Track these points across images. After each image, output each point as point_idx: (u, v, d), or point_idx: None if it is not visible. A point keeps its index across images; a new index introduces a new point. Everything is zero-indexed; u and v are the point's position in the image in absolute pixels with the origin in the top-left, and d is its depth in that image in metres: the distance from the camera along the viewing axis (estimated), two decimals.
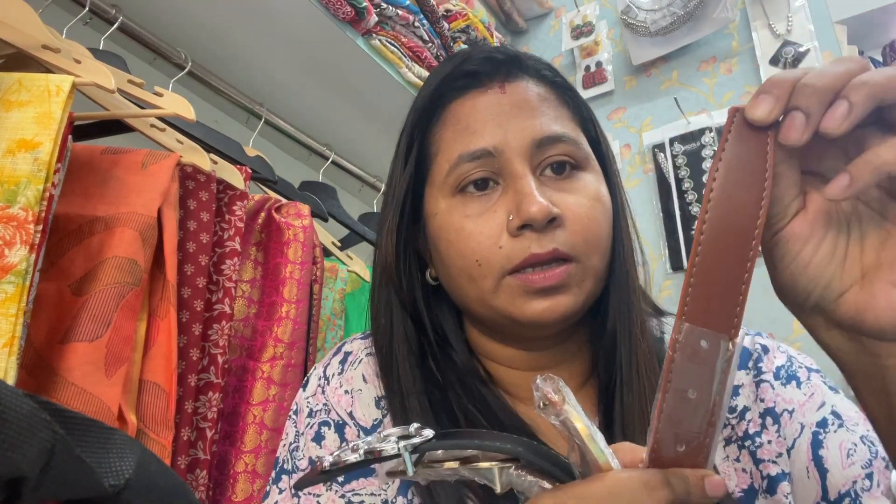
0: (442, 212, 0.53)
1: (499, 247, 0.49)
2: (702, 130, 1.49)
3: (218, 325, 0.81)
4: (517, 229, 0.49)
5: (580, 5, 1.78)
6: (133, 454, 0.35)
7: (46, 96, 0.61)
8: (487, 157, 0.51)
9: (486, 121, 0.52)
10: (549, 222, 0.48)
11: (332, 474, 0.34)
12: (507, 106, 0.52)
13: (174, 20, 1.06)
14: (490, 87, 0.54)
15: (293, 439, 0.54)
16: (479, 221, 0.50)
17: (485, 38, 1.58)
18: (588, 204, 0.51)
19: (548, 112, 0.53)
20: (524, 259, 0.48)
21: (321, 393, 0.55)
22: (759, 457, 0.50)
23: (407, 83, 1.26)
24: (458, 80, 0.55)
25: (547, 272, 0.48)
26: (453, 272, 0.52)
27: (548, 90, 0.55)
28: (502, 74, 0.54)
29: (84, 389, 0.61)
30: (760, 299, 1.38)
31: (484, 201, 0.51)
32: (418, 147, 0.56)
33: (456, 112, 0.54)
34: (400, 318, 0.55)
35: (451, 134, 0.53)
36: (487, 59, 0.54)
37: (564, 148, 0.52)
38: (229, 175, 0.89)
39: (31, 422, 0.28)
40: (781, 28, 1.45)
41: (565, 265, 0.49)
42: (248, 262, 0.94)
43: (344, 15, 1.08)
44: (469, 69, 0.54)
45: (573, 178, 0.52)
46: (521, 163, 0.50)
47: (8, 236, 0.56)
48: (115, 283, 0.66)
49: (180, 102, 0.82)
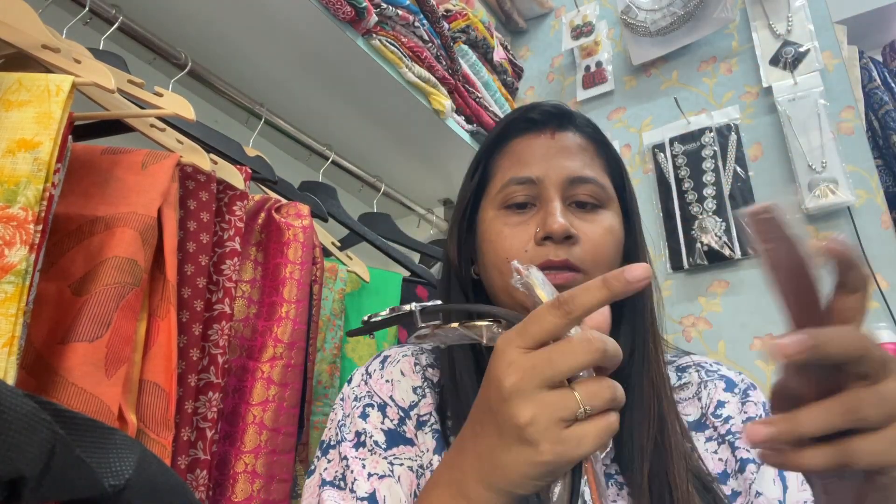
0: (489, 218, 0.68)
1: (525, 251, 0.64)
2: (702, 130, 1.49)
3: (218, 325, 0.81)
4: (541, 240, 0.63)
5: (580, 5, 1.78)
6: (133, 454, 0.35)
7: (46, 96, 0.61)
8: (530, 184, 0.66)
9: (536, 157, 0.68)
10: (566, 238, 0.62)
11: (370, 326, 0.51)
12: (553, 149, 0.68)
13: (174, 20, 1.06)
14: (543, 133, 0.70)
15: (341, 418, 0.64)
16: (515, 230, 0.65)
17: (485, 37, 1.58)
18: (600, 232, 0.65)
19: (584, 159, 0.68)
20: (541, 263, 0.62)
21: (364, 384, 0.66)
22: (735, 445, 0.62)
23: (407, 83, 1.26)
24: (521, 123, 0.71)
25: (556, 274, 0.61)
26: (488, 265, 0.67)
27: (587, 142, 0.70)
28: (555, 125, 0.70)
29: (84, 389, 0.61)
30: (760, 299, 1.39)
31: (522, 216, 0.66)
32: (482, 169, 0.72)
33: (514, 147, 0.70)
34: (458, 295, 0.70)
35: (507, 162, 0.69)
36: (546, 112, 0.71)
37: (591, 189, 0.66)
38: (229, 175, 0.89)
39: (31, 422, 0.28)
40: (781, 28, 1.45)
41: (573, 273, 0.62)
42: (248, 262, 0.94)
43: (344, 15, 1.08)
44: (530, 117, 0.71)
45: (594, 212, 0.66)
46: (554, 192, 0.65)
47: (8, 236, 0.56)
48: (116, 284, 0.66)
49: (180, 102, 0.82)
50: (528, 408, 0.38)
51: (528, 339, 0.39)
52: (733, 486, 0.61)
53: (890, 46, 1.84)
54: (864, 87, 1.68)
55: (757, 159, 1.43)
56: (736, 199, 1.40)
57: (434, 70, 1.33)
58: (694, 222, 1.42)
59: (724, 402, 0.66)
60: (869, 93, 1.68)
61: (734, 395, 0.67)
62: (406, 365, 0.68)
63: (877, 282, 1.21)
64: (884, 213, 1.26)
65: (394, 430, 0.62)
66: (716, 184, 1.43)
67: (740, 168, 1.43)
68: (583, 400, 0.38)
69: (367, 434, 0.61)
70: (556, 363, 0.38)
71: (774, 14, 1.48)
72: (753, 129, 1.46)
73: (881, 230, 1.25)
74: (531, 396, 0.38)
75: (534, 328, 0.39)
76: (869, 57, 1.73)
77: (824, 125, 1.31)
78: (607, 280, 0.39)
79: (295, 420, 0.88)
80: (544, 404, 0.38)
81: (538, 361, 0.38)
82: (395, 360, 0.68)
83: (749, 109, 1.48)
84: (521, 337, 0.40)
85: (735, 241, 1.37)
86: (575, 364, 0.38)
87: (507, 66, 1.74)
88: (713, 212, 1.40)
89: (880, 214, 1.26)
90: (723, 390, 0.68)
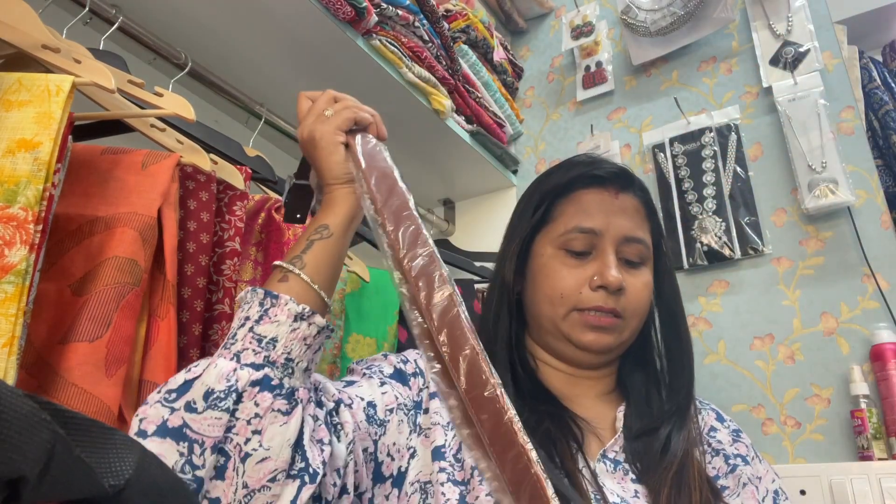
0: (548, 255, 0.78)
1: (579, 292, 0.75)
2: (702, 130, 1.49)
3: (218, 326, 0.81)
4: (596, 287, 0.74)
5: (580, 5, 1.78)
6: (133, 454, 0.35)
7: (46, 96, 0.61)
8: (591, 234, 0.76)
9: (600, 211, 0.77)
10: (617, 290, 0.74)
11: None
12: (615, 206, 0.78)
13: (174, 20, 1.06)
14: (608, 190, 0.79)
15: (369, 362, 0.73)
16: (573, 272, 0.76)
17: (485, 37, 1.58)
18: (640, 287, 0.77)
19: (637, 221, 0.79)
20: (593, 306, 0.74)
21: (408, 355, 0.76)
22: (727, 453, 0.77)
23: (407, 83, 1.26)
24: (589, 178, 0.80)
25: (603, 317, 0.74)
26: (541, 295, 0.77)
27: (641, 205, 0.81)
28: (618, 185, 0.80)
29: (84, 389, 0.61)
30: (760, 299, 1.38)
31: (579, 261, 0.77)
32: (546, 208, 0.81)
33: (581, 197, 0.79)
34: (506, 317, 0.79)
35: (573, 210, 0.79)
36: (612, 173, 0.80)
37: (639, 248, 0.78)
38: (229, 175, 0.89)
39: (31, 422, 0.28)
40: (781, 28, 1.45)
41: (616, 318, 0.74)
42: (248, 262, 0.94)
43: (344, 15, 1.08)
44: (599, 174, 0.80)
45: (638, 268, 0.78)
46: (611, 246, 0.76)
47: (8, 236, 0.56)
48: (116, 284, 0.66)
49: (180, 102, 0.82)
50: (305, 127, 0.67)
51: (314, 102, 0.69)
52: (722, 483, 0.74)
53: (890, 46, 1.84)
54: (864, 87, 1.68)
55: (757, 159, 1.43)
56: (736, 199, 1.40)
57: (434, 70, 1.33)
58: (694, 222, 1.42)
59: (717, 430, 0.80)
60: (869, 93, 1.67)
61: (725, 428, 0.81)
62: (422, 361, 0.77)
63: (877, 282, 1.22)
64: (884, 213, 1.26)
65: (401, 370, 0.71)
66: (716, 184, 1.43)
67: (740, 168, 1.42)
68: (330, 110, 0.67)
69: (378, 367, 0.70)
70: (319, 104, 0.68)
71: (774, 14, 1.48)
72: (753, 129, 1.46)
73: (881, 230, 1.25)
74: (309, 120, 0.67)
75: (321, 100, 0.68)
76: (869, 57, 1.73)
77: (824, 125, 1.31)
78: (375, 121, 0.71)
79: None
80: (314, 114, 0.67)
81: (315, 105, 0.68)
82: None
83: (749, 109, 1.48)
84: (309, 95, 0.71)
85: (735, 241, 1.37)
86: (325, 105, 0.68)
87: (507, 66, 1.74)
88: (713, 212, 1.40)
89: (880, 214, 1.26)
90: (714, 419, 0.82)
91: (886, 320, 1.18)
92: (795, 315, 1.29)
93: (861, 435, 1.12)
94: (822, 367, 1.23)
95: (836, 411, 1.18)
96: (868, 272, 1.23)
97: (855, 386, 1.15)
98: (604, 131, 1.67)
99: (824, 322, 1.25)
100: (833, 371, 1.21)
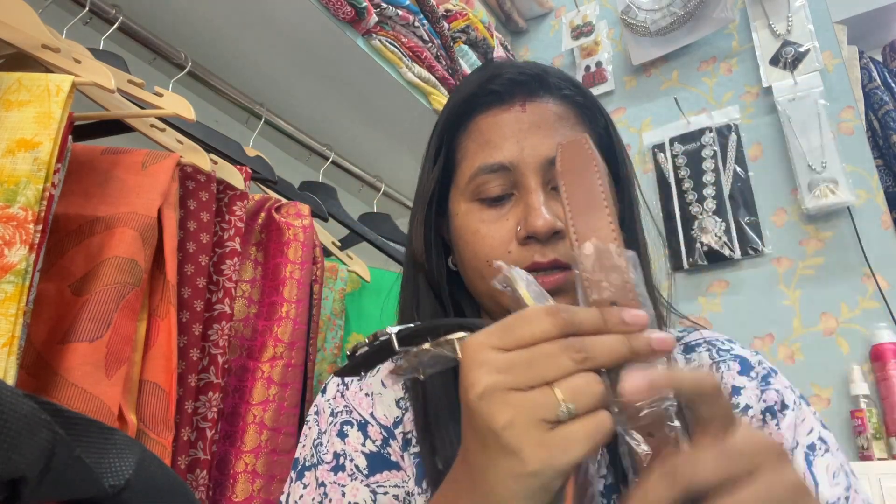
0: (462, 213, 0.59)
1: (508, 252, 0.55)
2: (702, 130, 1.49)
3: (218, 325, 0.81)
4: (524, 239, 0.54)
5: (580, 5, 1.78)
6: (133, 454, 0.35)
7: (46, 96, 0.61)
8: (504, 171, 0.56)
9: (506, 136, 0.57)
10: (552, 235, 0.54)
11: (356, 365, 0.42)
12: (525, 124, 0.57)
13: (174, 20, 1.06)
14: (512, 106, 0.58)
15: (316, 436, 0.58)
16: (493, 227, 0.56)
17: (485, 37, 1.58)
18: None
19: (563, 131, 0.57)
20: (528, 266, 0.53)
21: (340, 396, 0.59)
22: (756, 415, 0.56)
23: (407, 83, 1.26)
24: (486, 97, 0.59)
25: (546, 277, 0.54)
26: (468, 268, 0.59)
27: (566, 109, 0.59)
28: (524, 94, 0.58)
29: (84, 390, 0.61)
30: (760, 299, 1.38)
31: (498, 209, 0.57)
32: (445, 152, 0.62)
33: (480, 125, 0.59)
34: (428, 300, 0.61)
35: (475, 145, 0.59)
36: (511, 80, 0.59)
37: None
38: (229, 175, 0.89)
39: (31, 422, 0.28)
40: (781, 28, 1.45)
41: (564, 272, 0.54)
42: (248, 262, 0.94)
43: (344, 15, 1.08)
44: (495, 89, 0.59)
45: None
46: (533, 178, 0.55)
47: (8, 236, 0.56)
48: (116, 284, 0.66)
49: (180, 102, 0.82)
50: (503, 409, 0.33)
51: (509, 339, 0.35)
52: None
53: (890, 46, 1.84)
54: (864, 87, 1.68)
55: (757, 159, 1.43)
56: (736, 199, 1.40)
57: (434, 70, 1.33)
58: (694, 222, 1.42)
59: (741, 389, 0.58)
60: (869, 93, 1.68)
61: (751, 381, 0.59)
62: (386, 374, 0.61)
63: (877, 282, 1.21)
64: (884, 213, 1.26)
65: (376, 454, 0.55)
66: (716, 184, 1.43)
67: (740, 168, 1.42)
68: (565, 397, 0.32)
69: (346, 456, 0.55)
70: (539, 365, 0.33)
71: (774, 14, 1.48)
72: (753, 129, 1.46)
73: (881, 230, 1.25)
74: (506, 396, 0.33)
75: (520, 329, 0.34)
76: (869, 57, 1.73)
77: (824, 125, 1.31)
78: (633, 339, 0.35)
79: (295, 420, 0.88)
80: (521, 403, 0.33)
81: (517, 361, 0.34)
82: (376, 370, 0.61)
83: (749, 109, 1.48)
84: (499, 336, 0.35)
85: (735, 241, 1.37)
86: (560, 370, 0.33)
87: None
88: (713, 212, 1.40)
89: (880, 214, 1.26)
90: (737, 373, 0.59)
91: (886, 320, 1.18)
92: (795, 315, 1.29)
93: (861, 435, 1.12)
94: (821, 367, 1.23)
95: (836, 411, 1.18)
96: (868, 272, 1.23)
97: (855, 386, 1.15)
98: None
99: (824, 322, 1.25)
100: (833, 371, 1.21)
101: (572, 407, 0.32)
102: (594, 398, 0.33)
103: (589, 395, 0.33)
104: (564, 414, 0.32)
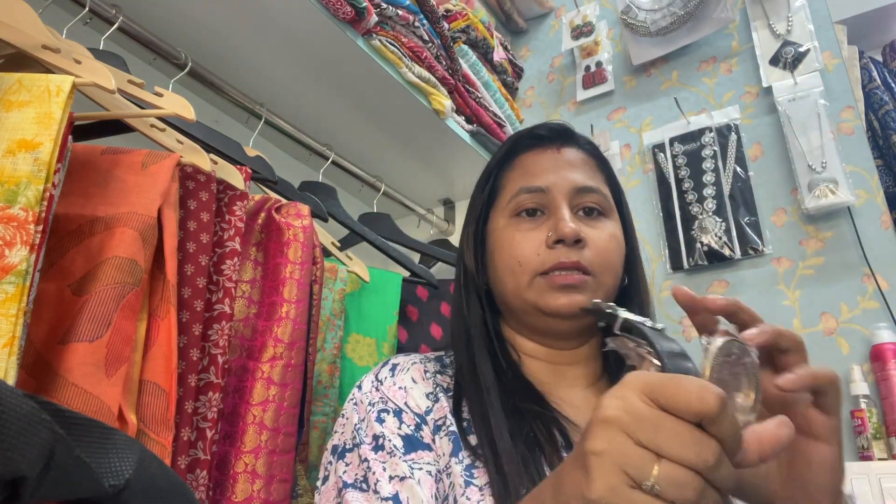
0: (501, 227, 0.73)
1: (537, 254, 0.68)
2: (702, 130, 1.49)
3: (218, 326, 0.81)
4: (553, 243, 0.67)
5: (580, 5, 1.78)
6: (133, 454, 0.35)
7: (46, 96, 0.61)
8: (540, 192, 0.71)
9: (545, 169, 0.73)
10: (576, 242, 0.67)
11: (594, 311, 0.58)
12: (560, 161, 0.73)
13: (174, 20, 1.06)
14: (550, 148, 0.75)
15: (356, 422, 0.65)
16: (527, 235, 0.70)
17: (485, 37, 1.58)
18: (606, 238, 0.70)
19: (587, 171, 0.74)
20: (553, 265, 0.66)
21: (376, 390, 0.67)
22: None
23: (407, 83, 1.26)
24: (528, 140, 0.77)
25: (567, 275, 0.66)
26: (500, 268, 0.71)
27: (588, 157, 0.76)
28: (560, 141, 0.76)
29: (84, 390, 0.61)
30: (760, 299, 1.38)
31: (532, 223, 0.71)
32: (493, 182, 0.76)
33: (523, 161, 0.76)
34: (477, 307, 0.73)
35: (517, 175, 0.74)
36: (551, 129, 0.77)
37: (595, 198, 0.72)
38: (229, 175, 0.89)
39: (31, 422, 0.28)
40: (781, 28, 1.45)
41: (583, 276, 0.66)
42: (248, 262, 0.94)
43: (344, 15, 1.08)
44: (538, 133, 0.77)
45: (598, 220, 0.72)
46: (563, 200, 0.70)
47: (8, 236, 0.56)
48: (116, 284, 0.66)
49: (180, 102, 0.82)
50: (604, 440, 0.35)
51: (658, 393, 0.35)
52: None
53: (890, 46, 1.84)
54: (864, 87, 1.68)
55: (757, 159, 1.43)
56: (736, 199, 1.40)
57: (434, 70, 1.33)
58: (694, 222, 1.42)
59: None
60: (869, 93, 1.68)
61: None
62: (416, 372, 0.69)
63: (877, 282, 1.21)
64: (884, 213, 1.26)
65: (411, 436, 0.62)
66: (716, 184, 1.43)
67: (740, 168, 1.42)
68: (658, 476, 0.34)
69: (384, 437, 0.61)
70: (664, 435, 0.34)
71: (774, 14, 1.48)
72: (753, 129, 1.46)
73: (881, 230, 1.25)
74: (616, 434, 0.35)
75: (673, 389, 0.35)
76: (869, 57, 1.73)
77: (824, 125, 1.31)
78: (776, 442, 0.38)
79: (295, 420, 0.88)
80: (622, 448, 0.35)
81: (651, 418, 0.35)
82: (405, 368, 0.69)
83: (749, 109, 1.48)
84: (652, 386, 0.36)
85: (735, 241, 1.37)
86: (678, 454, 0.34)
87: (507, 66, 1.74)
88: (713, 212, 1.40)
89: (880, 214, 1.26)
90: None
91: (886, 320, 1.18)
92: (795, 315, 1.29)
93: (861, 435, 1.12)
94: None
95: None
96: (868, 272, 1.23)
97: (855, 386, 1.15)
98: (604, 131, 1.67)
99: (824, 322, 1.25)
100: None
101: (657, 488, 0.34)
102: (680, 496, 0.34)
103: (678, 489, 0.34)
104: (647, 487, 0.34)
